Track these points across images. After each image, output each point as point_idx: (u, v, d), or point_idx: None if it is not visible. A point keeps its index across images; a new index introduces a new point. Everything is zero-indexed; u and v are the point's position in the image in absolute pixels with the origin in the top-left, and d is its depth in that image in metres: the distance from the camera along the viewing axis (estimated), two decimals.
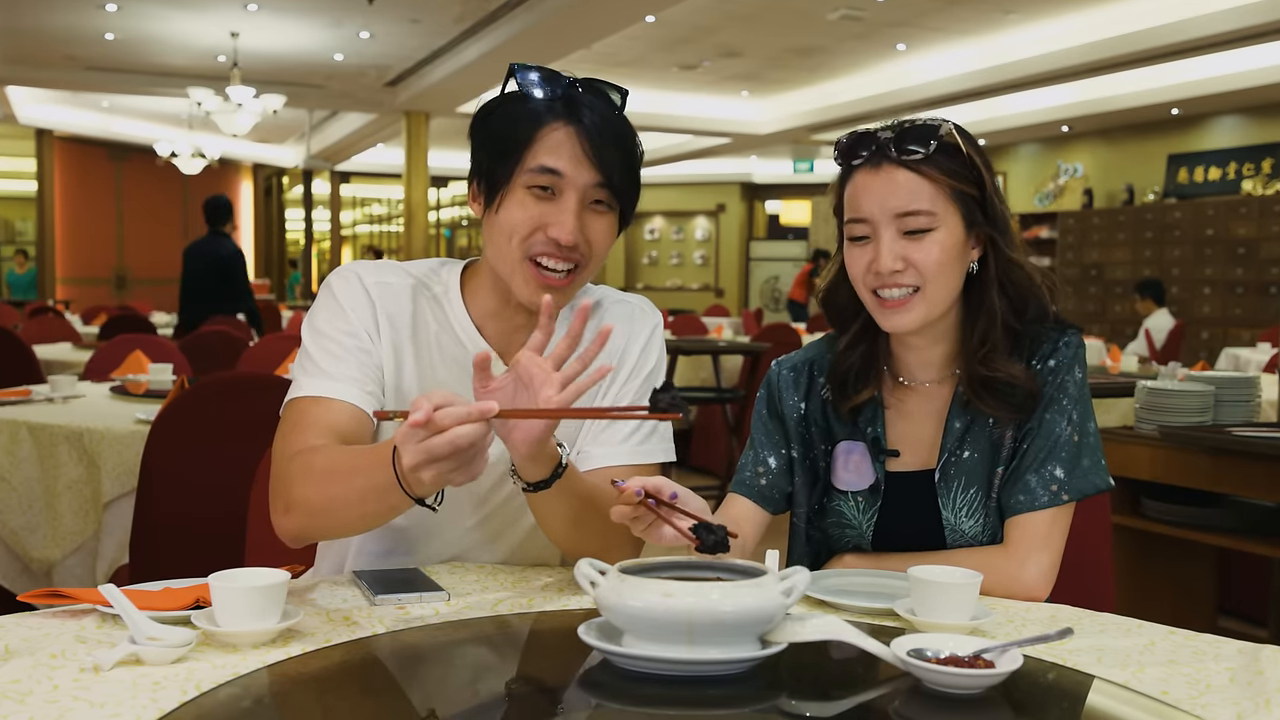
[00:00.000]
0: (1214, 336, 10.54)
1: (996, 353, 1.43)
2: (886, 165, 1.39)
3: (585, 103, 1.36)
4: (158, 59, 12.05)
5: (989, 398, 1.43)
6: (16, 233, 17.51)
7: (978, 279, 1.46)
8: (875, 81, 11.99)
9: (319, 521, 1.29)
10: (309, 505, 1.26)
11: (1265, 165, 11.05)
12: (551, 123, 1.35)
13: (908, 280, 1.40)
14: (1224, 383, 3.00)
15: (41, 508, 2.78)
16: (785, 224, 19.28)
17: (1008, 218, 1.45)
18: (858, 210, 1.42)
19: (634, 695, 0.98)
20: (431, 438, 1.05)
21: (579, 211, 1.36)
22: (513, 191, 1.36)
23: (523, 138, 1.35)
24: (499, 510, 1.47)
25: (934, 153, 1.38)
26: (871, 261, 1.41)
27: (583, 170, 1.35)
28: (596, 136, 1.35)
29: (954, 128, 1.41)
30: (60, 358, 5.36)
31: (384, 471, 1.14)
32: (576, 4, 8.68)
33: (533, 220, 1.35)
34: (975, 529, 1.46)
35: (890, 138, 1.40)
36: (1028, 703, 1.02)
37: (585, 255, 1.38)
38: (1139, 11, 9.01)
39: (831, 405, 1.53)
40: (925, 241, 1.39)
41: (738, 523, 1.51)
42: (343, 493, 1.23)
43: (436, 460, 1.06)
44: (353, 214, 22.37)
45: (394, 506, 1.19)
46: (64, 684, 0.95)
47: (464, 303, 1.46)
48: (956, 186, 1.40)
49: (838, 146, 1.45)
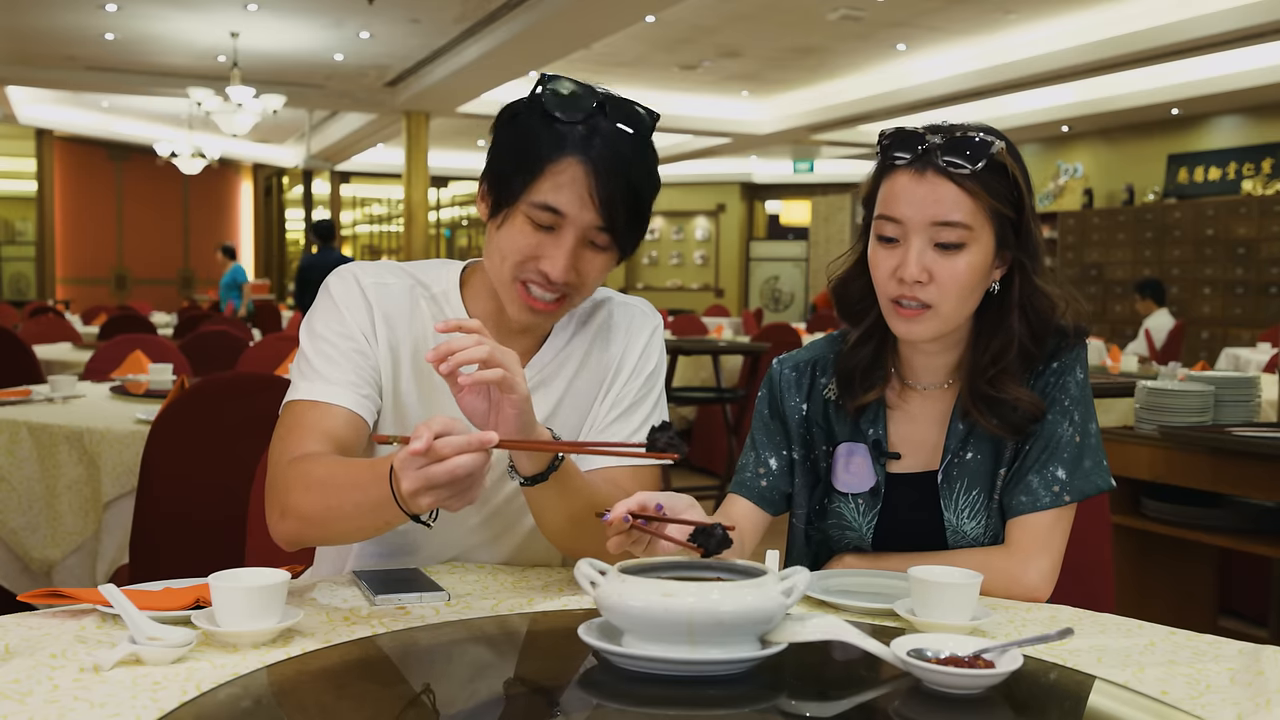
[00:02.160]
0: (1214, 336, 10.55)
1: (1007, 375, 1.42)
2: (931, 172, 1.36)
3: (604, 133, 1.32)
4: (158, 59, 12.06)
5: (989, 415, 1.42)
6: (16, 233, 17.52)
7: (998, 299, 1.43)
8: (875, 81, 11.99)
9: (314, 530, 1.29)
10: (305, 514, 1.26)
11: (1265, 165, 11.05)
12: (565, 156, 1.31)
13: (928, 295, 1.37)
14: (1224, 383, 3.00)
15: (41, 508, 2.78)
16: (785, 224, 19.28)
17: (1041, 243, 1.43)
18: (893, 210, 1.38)
19: (634, 695, 0.98)
20: (431, 465, 1.05)
21: (575, 250, 1.34)
22: (515, 216, 1.35)
23: (535, 163, 1.32)
24: (500, 511, 1.47)
25: (983, 169, 1.35)
26: (898, 267, 1.38)
27: (585, 212, 1.32)
28: (605, 177, 1.31)
29: (1006, 146, 1.38)
30: (60, 358, 5.36)
31: (381, 488, 1.13)
32: (576, 4, 8.68)
33: (528, 249, 1.34)
34: (977, 530, 1.46)
35: (939, 144, 1.36)
36: (1028, 703, 1.02)
37: (575, 287, 1.37)
38: (1139, 11, 9.01)
39: (833, 406, 1.52)
40: (954, 257, 1.36)
41: (737, 523, 1.50)
42: (339, 505, 1.23)
43: (435, 487, 1.07)
44: (353, 214, 22.36)
45: (390, 522, 1.20)
46: (64, 684, 0.95)
47: (464, 303, 1.46)
48: (996, 206, 1.37)
49: (882, 138, 1.41)
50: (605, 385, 1.49)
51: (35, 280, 17.16)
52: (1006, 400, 1.41)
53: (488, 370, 1.14)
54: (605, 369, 1.50)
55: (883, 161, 1.41)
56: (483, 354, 1.13)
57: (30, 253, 17.23)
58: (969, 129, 1.38)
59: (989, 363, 1.43)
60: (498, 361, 1.14)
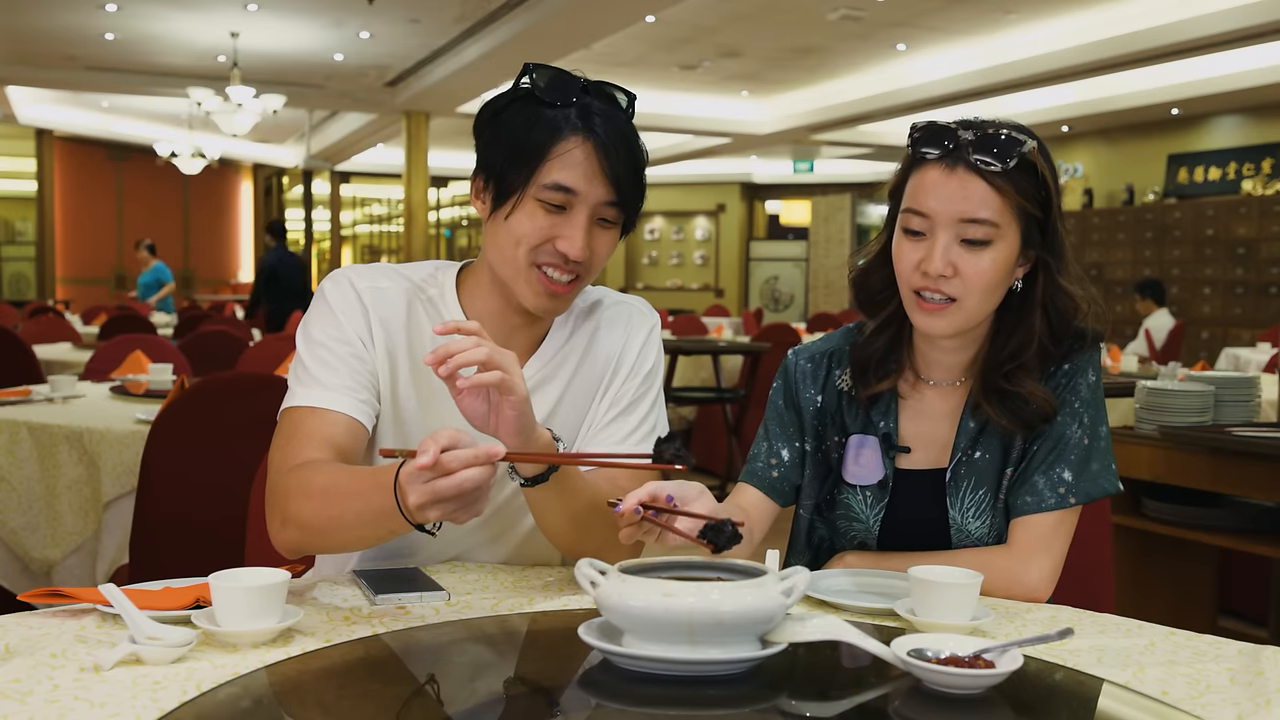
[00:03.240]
0: (1214, 336, 10.55)
1: (1025, 371, 1.42)
2: (962, 168, 1.36)
3: (599, 112, 1.36)
4: (158, 59, 12.05)
5: (1001, 410, 1.42)
6: (16, 233, 17.52)
7: (1020, 296, 1.43)
8: (875, 81, 11.98)
9: (316, 539, 1.29)
10: (306, 523, 1.26)
11: (1265, 165, 11.05)
12: (568, 136, 1.34)
13: (952, 289, 1.37)
14: (1224, 383, 3.00)
15: (41, 508, 2.78)
16: (785, 224, 19.28)
17: (1066, 243, 1.43)
18: (920, 204, 1.38)
19: (634, 695, 0.98)
20: (438, 480, 1.06)
21: (589, 227, 1.36)
22: (524, 202, 1.35)
23: (538, 148, 1.34)
24: (500, 511, 1.47)
25: (1012, 168, 1.36)
26: (922, 260, 1.38)
27: (596, 187, 1.35)
28: (611, 151, 1.34)
29: (1038, 145, 1.38)
30: (60, 358, 5.36)
31: (384, 497, 1.13)
32: (576, 4, 8.68)
33: (543, 232, 1.35)
34: (981, 530, 1.46)
35: (971, 140, 1.36)
36: (1028, 703, 1.02)
37: (588, 266, 1.39)
38: (1139, 11, 9.01)
39: (847, 397, 1.52)
40: (980, 254, 1.36)
41: (746, 513, 1.50)
42: (340, 514, 1.22)
43: (442, 501, 1.07)
44: (353, 214, 22.36)
45: (394, 531, 1.19)
46: (64, 684, 0.95)
47: (460, 305, 1.46)
48: (1024, 205, 1.37)
49: (913, 132, 1.41)
50: (603, 384, 1.50)
51: (35, 280, 17.15)
52: (1020, 394, 1.41)
53: (486, 373, 1.14)
54: (603, 368, 1.50)
55: (913, 155, 1.41)
56: (481, 356, 1.13)
57: (30, 253, 17.22)
58: (1001, 126, 1.38)
59: (1006, 358, 1.43)
60: (496, 363, 1.14)
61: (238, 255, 20.24)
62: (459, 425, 1.20)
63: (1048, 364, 1.45)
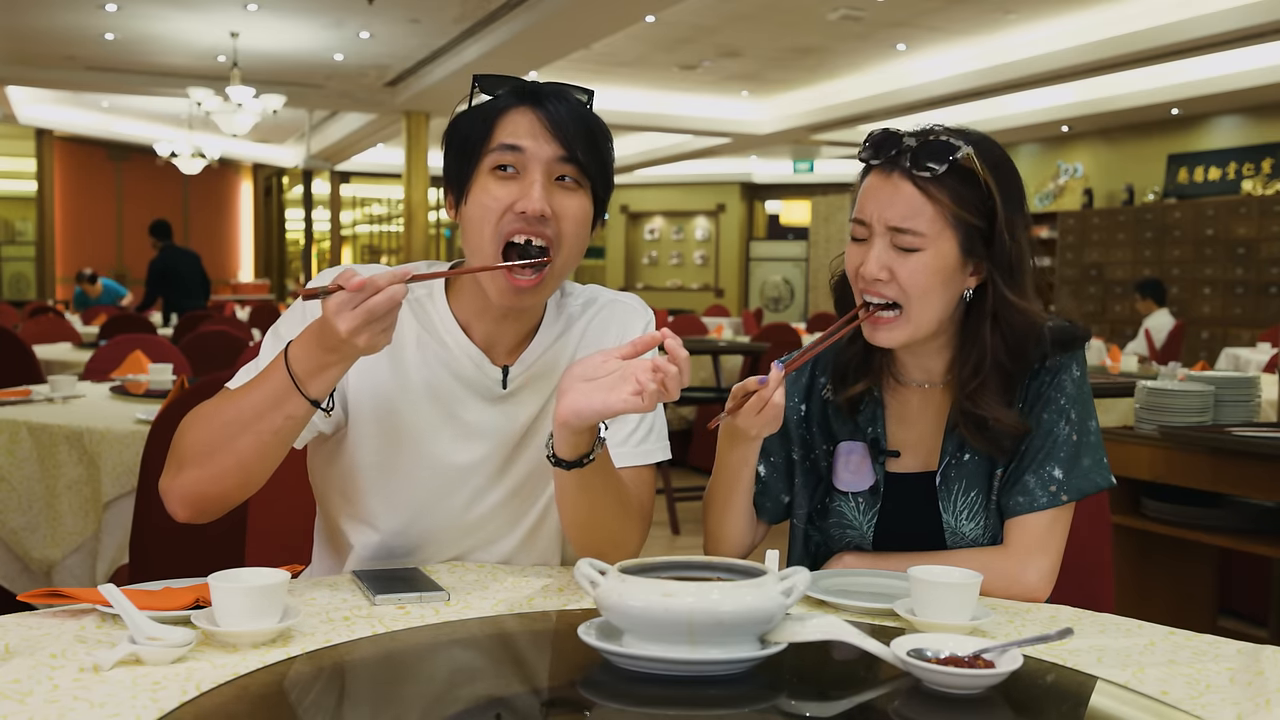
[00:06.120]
0: (1214, 336, 10.55)
1: (987, 391, 1.41)
2: (897, 174, 1.37)
3: (547, 90, 1.37)
4: (158, 59, 12.06)
5: (977, 435, 1.43)
6: (16, 233, 17.52)
7: (973, 307, 1.43)
8: (875, 81, 11.99)
9: (210, 468, 1.27)
10: (199, 447, 1.27)
11: (1265, 165, 11.05)
12: (513, 107, 1.36)
13: (890, 292, 1.38)
14: (1224, 383, 3.00)
15: (41, 508, 2.78)
16: (785, 224, 19.28)
17: (1019, 257, 1.40)
18: (861, 210, 1.41)
19: (634, 695, 0.98)
20: (371, 298, 1.15)
21: (545, 184, 1.34)
22: (478, 179, 1.36)
23: (484, 129, 1.36)
24: (500, 511, 1.47)
25: (946, 174, 1.35)
26: (860, 265, 1.40)
27: (543, 144, 1.34)
28: (556, 113, 1.35)
29: (974, 153, 1.36)
30: (60, 358, 5.36)
31: (278, 375, 1.21)
32: (576, 4, 8.68)
33: (499, 201, 1.34)
34: (975, 531, 1.45)
35: (911, 147, 1.36)
36: (1028, 703, 1.02)
37: (557, 236, 1.35)
38: (1139, 11, 9.01)
39: (832, 406, 1.53)
40: (911, 259, 1.37)
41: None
42: (236, 414, 1.25)
43: (375, 320, 1.15)
44: (353, 214, 22.35)
45: (290, 415, 1.23)
46: (64, 684, 0.95)
47: (449, 303, 1.45)
48: (959, 214, 1.36)
49: (865, 139, 1.42)
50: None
51: (35, 280, 17.15)
52: (987, 418, 1.41)
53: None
54: None
55: (863, 162, 1.44)
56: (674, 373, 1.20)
57: (30, 253, 17.23)
58: (944, 133, 1.38)
59: (969, 375, 1.42)
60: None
61: (238, 255, 20.24)
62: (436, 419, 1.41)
63: (1014, 383, 1.43)
